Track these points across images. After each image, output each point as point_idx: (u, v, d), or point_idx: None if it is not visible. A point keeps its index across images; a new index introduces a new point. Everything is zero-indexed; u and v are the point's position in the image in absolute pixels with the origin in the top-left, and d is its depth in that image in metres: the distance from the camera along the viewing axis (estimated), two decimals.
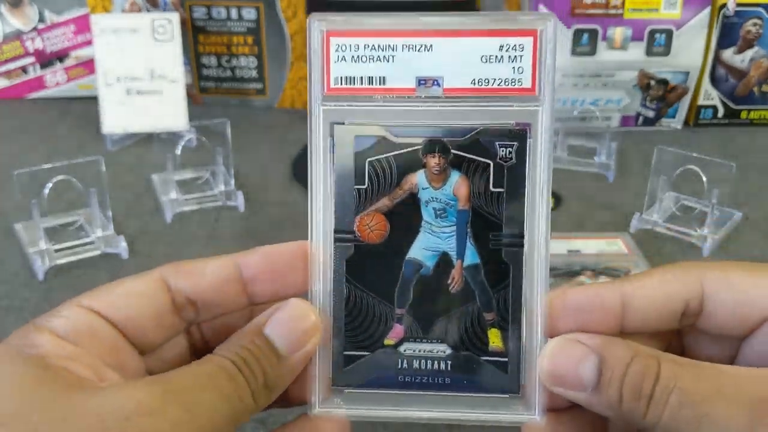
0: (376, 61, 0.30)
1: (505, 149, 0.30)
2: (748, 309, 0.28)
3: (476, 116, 0.30)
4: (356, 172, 0.30)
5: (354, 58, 0.30)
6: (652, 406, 0.25)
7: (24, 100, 1.02)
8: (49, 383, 0.24)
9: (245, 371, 0.26)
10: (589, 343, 0.27)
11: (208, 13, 0.97)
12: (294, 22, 0.97)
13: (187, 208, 0.74)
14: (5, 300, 0.60)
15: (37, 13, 0.98)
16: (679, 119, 0.96)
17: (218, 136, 0.75)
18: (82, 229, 0.68)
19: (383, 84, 0.30)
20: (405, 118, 0.30)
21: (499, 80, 0.30)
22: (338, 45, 0.30)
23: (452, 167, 0.30)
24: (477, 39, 0.29)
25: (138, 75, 0.86)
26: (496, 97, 0.30)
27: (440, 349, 0.31)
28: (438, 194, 0.30)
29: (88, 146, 0.87)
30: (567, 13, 0.89)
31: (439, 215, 0.30)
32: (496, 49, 0.29)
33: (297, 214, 0.73)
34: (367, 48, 0.30)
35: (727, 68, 0.94)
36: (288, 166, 0.84)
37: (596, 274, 0.58)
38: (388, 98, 0.30)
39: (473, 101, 0.30)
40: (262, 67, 1.00)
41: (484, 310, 0.30)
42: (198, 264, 0.30)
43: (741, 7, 0.90)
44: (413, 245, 0.30)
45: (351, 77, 0.30)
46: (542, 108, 0.30)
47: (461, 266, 0.30)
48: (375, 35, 0.29)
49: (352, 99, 0.30)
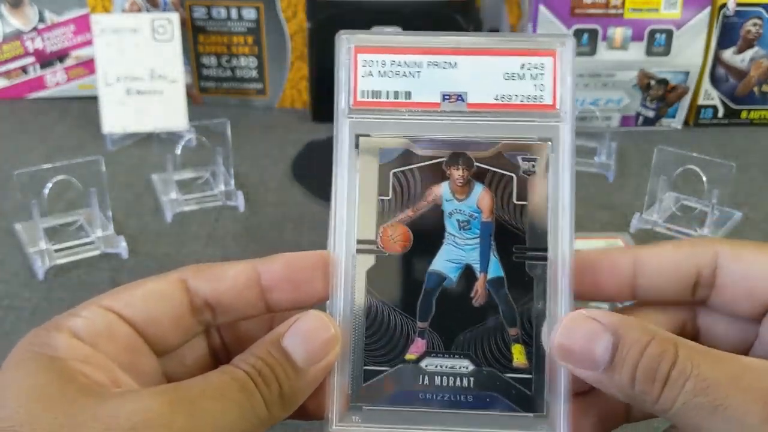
0: (402, 77, 0.31)
1: (528, 163, 0.30)
2: (760, 284, 0.28)
3: (499, 130, 0.30)
4: (380, 183, 0.31)
5: (380, 73, 0.31)
6: (666, 390, 0.25)
7: (24, 100, 1.02)
8: (62, 387, 0.24)
9: (259, 382, 0.26)
10: (604, 321, 0.26)
11: (208, 13, 0.97)
12: (294, 22, 0.97)
13: (187, 208, 0.74)
14: (5, 300, 0.60)
15: (37, 13, 0.98)
16: (679, 119, 0.96)
17: (218, 136, 0.75)
18: (82, 229, 0.68)
19: (409, 98, 0.31)
20: (429, 132, 0.31)
21: (521, 96, 0.30)
22: (365, 60, 0.31)
23: (476, 180, 0.30)
24: (499, 57, 0.30)
25: (138, 75, 0.86)
26: (519, 112, 0.30)
27: (463, 364, 0.30)
28: (462, 206, 0.30)
29: (88, 146, 0.87)
30: (567, 13, 0.89)
31: (462, 227, 0.30)
32: (518, 68, 0.30)
33: (297, 214, 0.73)
34: (394, 64, 0.31)
35: (727, 68, 0.94)
36: (288, 166, 0.84)
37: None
38: (414, 112, 0.31)
39: (496, 116, 0.30)
40: (262, 67, 1.00)
41: (508, 325, 0.30)
42: (218, 268, 0.30)
43: (741, 7, 0.90)
44: (436, 257, 0.30)
45: (377, 91, 0.31)
46: (563, 123, 0.30)
47: (485, 279, 0.30)
48: (401, 52, 0.31)
49: (378, 112, 0.31)
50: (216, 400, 0.25)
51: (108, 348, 0.27)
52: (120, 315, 0.28)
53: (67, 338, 0.26)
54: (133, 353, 0.28)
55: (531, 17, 0.92)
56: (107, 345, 0.27)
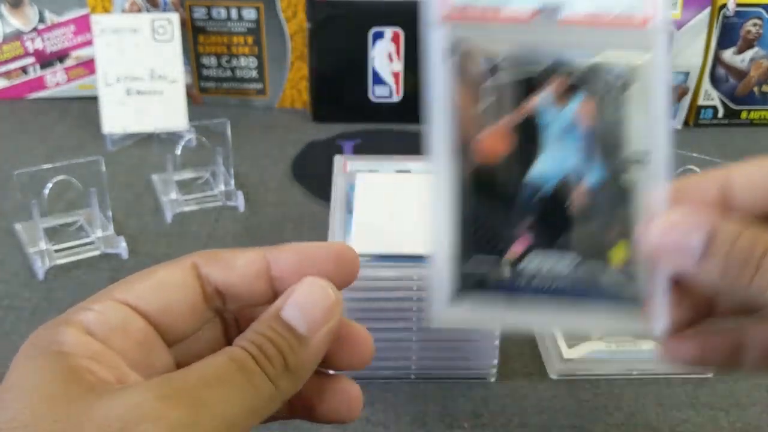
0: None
1: (626, 73, 0.31)
2: None
3: (597, 42, 0.30)
4: (478, 93, 0.30)
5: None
6: (758, 275, 0.26)
7: (24, 100, 1.02)
8: (66, 386, 0.24)
9: (260, 358, 0.26)
10: (700, 216, 0.28)
11: (208, 14, 0.97)
12: (294, 22, 0.97)
13: (187, 208, 0.74)
14: (5, 300, 0.60)
15: (37, 14, 0.98)
16: (679, 119, 0.96)
17: (218, 136, 0.75)
18: (82, 229, 0.68)
19: (504, 9, 0.30)
20: (527, 43, 0.30)
21: (618, 10, 0.30)
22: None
23: (574, 90, 0.30)
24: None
25: (138, 75, 0.86)
26: (615, 25, 0.30)
27: (565, 259, 0.31)
28: (560, 116, 0.31)
29: (88, 146, 0.88)
30: None
31: (560, 136, 0.31)
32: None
33: (297, 214, 0.73)
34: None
35: (728, 68, 0.94)
36: (288, 166, 0.84)
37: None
38: (509, 24, 0.30)
39: (593, 29, 0.30)
40: (262, 67, 1.00)
41: (609, 227, 0.31)
42: (229, 254, 0.29)
43: (741, 8, 0.90)
44: (535, 165, 0.31)
45: (471, 3, 0.30)
46: (658, 35, 0.30)
47: (584, 185, 0.31)
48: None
49: (473, 23, 0.30)
50: (214, 386, 0.24)
51: (120, 343, 0.26)
52: (134, 308, 0.27)
53: (78, 334, 0.26)
54: (146, 347, 0.27)
55: None
56: (119, 340, 0.26)
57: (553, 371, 0.52)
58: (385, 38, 0.93)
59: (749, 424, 0.49)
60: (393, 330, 0.50)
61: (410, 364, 0.52)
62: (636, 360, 0.53)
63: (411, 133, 0.94)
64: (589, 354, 0.53)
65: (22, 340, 0.27)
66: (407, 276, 0.48)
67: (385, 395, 0.51)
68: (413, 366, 0.52)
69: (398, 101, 0.97)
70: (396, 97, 0.97)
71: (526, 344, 0.56)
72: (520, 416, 0.49)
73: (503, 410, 0.50)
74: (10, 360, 0.26)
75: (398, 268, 0.49)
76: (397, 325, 0.50)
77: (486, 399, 0.51)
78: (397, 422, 0.49)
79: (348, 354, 0.30)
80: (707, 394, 0.51)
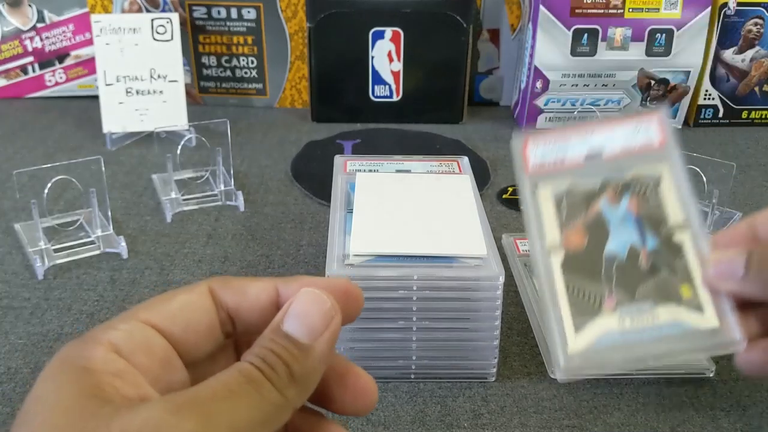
0: (557, 150, 0.46)
1: (656, 177, 0.44)
2: None
3: (632, 163, 0.44)
4: (559, 209, 0.44)
5: (545, 149, 0.46)
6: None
7: (24, 100, 1.02)
8: (88, 401, 0.25)
9: (265, 369, 0.26)
10: (740, 250, 0.39)
11: (208, 13, 0.97)
12: (294, 22, 0.97)
13: (187, 208, 0.74)
14: (5, 300, 0.60)
15: (36, 13, 0.98)
16: (679, 119, 0.95)
17: (218, 136, 0.75)
18: (81, 229, 0.68)
19: (565, 160, 0.45)
20: (584, 173, 0.45)
21: (641, 142, 0.45)
22: (534, 143, 0.46)
23: (623, 193, 0.44)
24: (620, 124, 0.45)
25: (138, 75, 0.86)
26: (642, 152, 0.45)
27: (647, 305, 0.41)
28: (617, 211, 0.44)
29: (88, 146, 0.87)
30: (567, 13, 0.89)
31: (620, 224, 0.43)
32: (633, 130, 0.45)
33: (297, 214, 0.73)
34: (550, 142, 0.46)
35: (728, 68, 0.93)
36: (288, 166, 0.84)
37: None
38: (571, 168, 0.45)
39: (627, 157, 0.44)
40: (262, 67, 1.00)
41: (672, 275, 0.41)
42: (241, 282, 0.31)
43: (742, 7, 0.90)
44: (608, 245, 0.43)
45: (543, 161, 0.45)
46: (672, 149, 0.44)
47: (646, 251, 0.42)
48: (555, 136, 0.45)
49: (546, 174, 0.45)
50: (225, 398, 0.25)
51: (143, 361, 0.27)
52: (157, 328, 0.28)
53: (104, 351, 0.27)
54: (167, 366, 0.28)
55: (531, 17, 0.92)
56: (143, 359, 0.27)
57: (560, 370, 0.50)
58: (385, 38, 0.93)
59: (750, 425, 0.49)
60: (393, 330, 0.50)
61: (410, 364, 0.51)
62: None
63: (411, 133, 0.94)
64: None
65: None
66: (407, 276, 0.48)
67: (385, 395, 0.51)
68: (413, 366, 0.52)
69: (398, 101, 0.97)
70: (396, 97, 0.97)
71: (526, 344, 0.56)
72: (520, 416, 0.49)
73: (503, 410, 0.50)
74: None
75: (398, 268, 0.48)
76: (397, 325, 0.50)
77: (486, 399, 0.51)
78: (397, 422, 0.49)
79: (352, 399, 0.31)
80: (708, 395, 0.51)
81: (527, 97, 0.93)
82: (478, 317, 0.50)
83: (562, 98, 0.92)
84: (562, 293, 0.42)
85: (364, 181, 0.58)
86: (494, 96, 1.05)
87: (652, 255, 0.42)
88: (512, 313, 0.59)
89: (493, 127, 0.97)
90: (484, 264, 0.49)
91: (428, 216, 0.54)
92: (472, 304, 0.49)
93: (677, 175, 0.44)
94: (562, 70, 0.91)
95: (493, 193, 0.79)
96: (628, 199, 0.44)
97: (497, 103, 1.05)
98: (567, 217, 0.44)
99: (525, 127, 0.94)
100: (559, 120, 0.93)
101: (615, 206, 0.44)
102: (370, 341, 0.50)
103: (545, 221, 0.44)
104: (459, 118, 0.98)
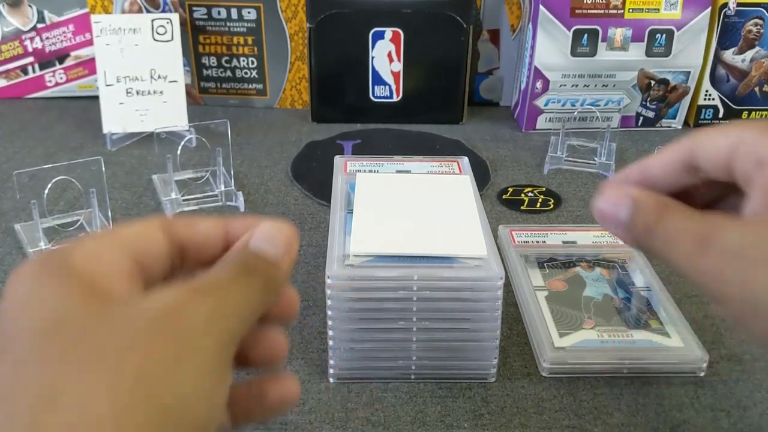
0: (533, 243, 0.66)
1: (623, 257, 0.63)
2: None
3: (602, 250, 0.64)
4: (543, 271, 0.62)
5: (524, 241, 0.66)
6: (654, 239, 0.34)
7: (24, 100, 1.02)
8: (88, 295, 0.25)
9: (255, 272, 0.29)
10: (629, 195, 0.35)
11: (208, 13, 0.97)
12: (294, 22, 0.97)
13: (187, 208, 0.74)
14: None
15: (36, 13, 0.98)
16: (679, 120, 0.96)
17: (218, 136, 0.75)
18: (82, 230, 0.68)
19: (545, 241, 0.67)
20: (562, 251, 0.64)
21: (609, 238, 0.66)
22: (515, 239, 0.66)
23: (595, 266, 0.62)
24: None
25: (138, 75, 0.86)
26: (610, 246, 0.65)
27: (621, 328, 0.55)
28: (591, 275, 0.61)
29: (88, 146, 0.88)
30: (567, 13, 0.89)
31: (594, 282, 0.60)
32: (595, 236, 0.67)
33: (297, 214, 0.73)
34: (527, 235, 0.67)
35: (728, 68, 0.93)
36: (288, 166, 0.84)
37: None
38: (550, 248, 0.65)
39: (594, 246, 0.65)
40: (262, 67, 1.00)
41: (641, 314, 0.57)
42: (192, 219, 0.32)
43: (742, 7, 0.90)
44: (585, 291, 0.59)
45: (526, 240, 0.66)
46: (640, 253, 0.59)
47: (618, 298, 0.59)
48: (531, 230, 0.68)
49: (529, 249, 0.65)
50: (233, 286, 0.28)
51: (121, 269, 0.28)
52: (119, 246, 0.29)
53: (82, 255, 0.27)
54: (135, 282, 0.29)
55: (531, 17, 0.92)
56: (118, 268, 0.28)
57: (546, 360, 0.52)
58: (385, 38, 0.93)
59: (750, 426, 0.49)
60: (393, 330, 0.50)
61: (410, 364, 0.51)
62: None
63: (411, 133, 0.94)
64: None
65: None
66: (407, 276, 0.48)
67: (385, 395, 0.51)
68: (413, 366, 0.52)
69: (398, 101, 0.97)
70: (396, 97, 0.97)
71: (526, 344, 0.56)
72: (520, 416, 0.49)
73: (503, 411, 0.50)
74: None
75: (398, 269, 0.48)
76: (397, 325, 0.50)
77: (486, 399, 0.51)
78: (397, 422, 0.49)
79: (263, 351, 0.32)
80: (708, 395, 0.51)
81: (527, 97, 0.93)
82: (478, 318, 0.50)
83: (562, 99, 0.92)
84: (548, 315, 0.56)
85: (364, 182, 0.58)
86: (494, 96, 1.05)
87: (622, 301, 0.58)
88: (512, 314, 0.59)
89: (493, 128, 0.97)
90: (484, 264, 0.49)
91: (428, 216, 0.54)
92: (472, 305, 0.49)
93: (640, 259, 0.62)
94: (562, 71, 0.91)
95: (493, 193, 0.79)
96: (599, 270, 0.62)
97: (497, 104, 1.05)
98: (548, 274, 0.61)
99: (525, 127, 0.94)
100: (559, 120, 0.93)
101: (588, 272, 0.61)
102: (370, 341, 0.50)
103: (531, 275, 0.61)
104: (459, 119, 0.98)
